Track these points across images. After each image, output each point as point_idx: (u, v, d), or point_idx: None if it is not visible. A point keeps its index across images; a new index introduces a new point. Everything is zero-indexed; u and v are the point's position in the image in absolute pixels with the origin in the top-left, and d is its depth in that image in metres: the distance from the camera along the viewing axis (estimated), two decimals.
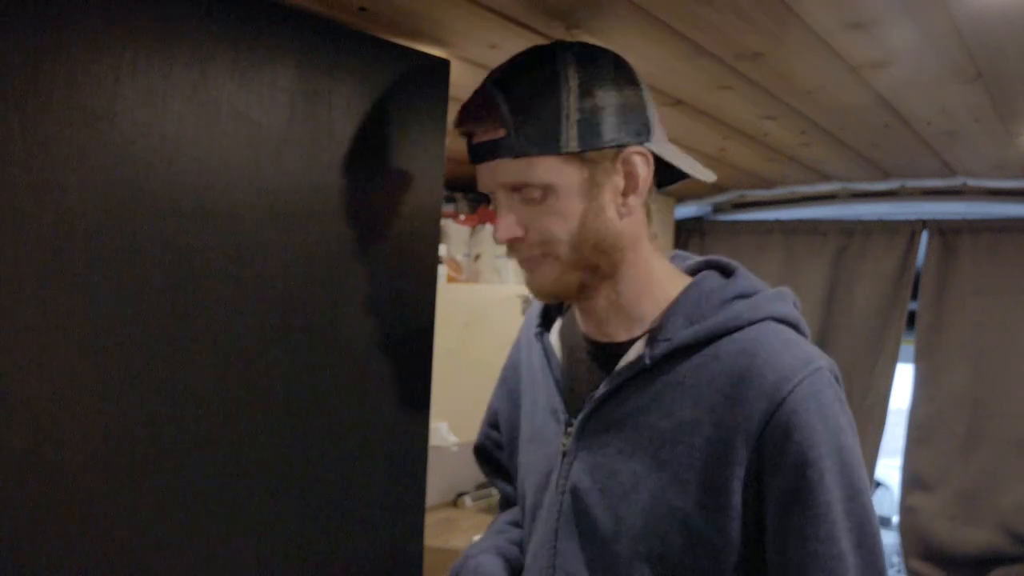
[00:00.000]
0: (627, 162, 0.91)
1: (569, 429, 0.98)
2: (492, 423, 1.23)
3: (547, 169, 0.88)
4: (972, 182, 2.24)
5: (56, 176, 0.76)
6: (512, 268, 2.14)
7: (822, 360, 0.90)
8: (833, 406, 0.87)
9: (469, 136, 0.92)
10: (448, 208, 2.29)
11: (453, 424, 1.88)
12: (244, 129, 0.91)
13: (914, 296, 2.54)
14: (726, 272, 0.99)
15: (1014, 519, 2.29)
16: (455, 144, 1.03)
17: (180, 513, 0.88)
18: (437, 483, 2.47)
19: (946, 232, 2.49)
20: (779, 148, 1.90)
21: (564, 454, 0.98)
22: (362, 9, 1.01)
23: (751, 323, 0.91)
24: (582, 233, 0.90)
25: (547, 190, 0.89)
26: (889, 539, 3.73)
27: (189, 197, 0.87)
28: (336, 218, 1.02)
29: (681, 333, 0.91)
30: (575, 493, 0.96)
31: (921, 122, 1.57)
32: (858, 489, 0.85)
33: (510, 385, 1.18)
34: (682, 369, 0.91)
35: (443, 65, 1.16)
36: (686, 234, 2.97)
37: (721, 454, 0.86)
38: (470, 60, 1.22)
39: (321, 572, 1.03)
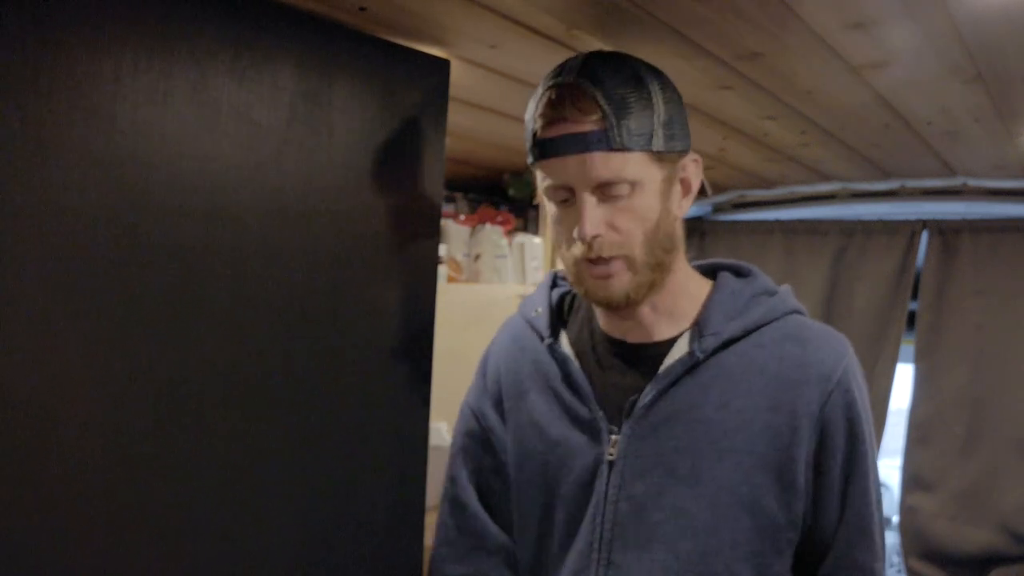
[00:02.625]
0: (685, 168, 0.96)
1: (613, 437, 0.97)
2: (485, 447, 1.10)
3: (639, 165, 0.90)
4: (972, 182, 2.23)
5: (56, 176, 0.76)
6: (512, 267, 2.14)
7: (847, 345, 0.98)
8: (862, 378, 0.98)
9: (546, 128, 0.90)
10: (448, 208, 2.29)
11: (453, 424, 1.87)
12: (244, 129, 0.91)
13: (914, 296, 2.54)
14: (739, 273, 1.05)
15: (1014, 519, 2.29)
16: (455, 144, 1.03)
17: (180, 512, 0.88)
18: (437, 483, 2.46)
19: (946, 232, 2.49)
20: (779, 148, 1.90)
21: (611, 463, 0.96)
22: (362, 9, 1.01)
23: (782, 316, 0.98)
24: (656, 233, 0.92)
25: (635, 187, 0.90)
26: (889, 539, 3.73)
27: (189, 197, 0.87)
28: (336, 218, 1.02)
29: (728, 326, 0.96)
30: (631, 501, 0.94)
31: (921, 122, 1.57)
32: (874, 459, 0.97)
33: (493, 398, 1.10)
34: (728, 361, 0.95)
35: (443, 65, 1.16)
36: (686, 234, 2.97)
37: (787, 436, 0.92)
38: (470, 60, 1.22)
39: (321, 572, 1.03)
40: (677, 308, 0.99)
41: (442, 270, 1.97)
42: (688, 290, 1.00)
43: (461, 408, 1.14)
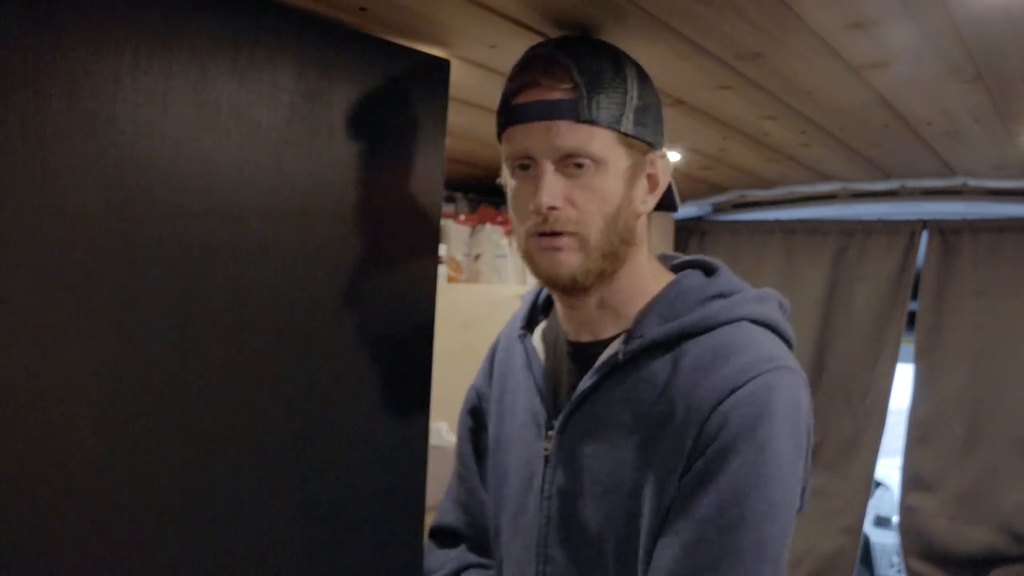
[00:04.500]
0: (653, 163, 0.94)
1: (550, 432, 0.97)
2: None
3: (605, 143, 0.88)
4: (972, 182, 2.23)
5: (56, 176, 0.76)
6: (512, 267, 2.14)
7: (791, 362, 0.88)
8: (781, 407, 0.84)
9: (516, 94, 0.89)
10: (448, 208, 2.29)
11: (453, 424, 1.87)
12: (244, 129, 0.91)
13: (914, 296, 2.54)
14: (708, 271, 0.99)
15: (1014, 519, 2.30)
16: (455, 144, 1.03)
17: (180, 513, 0.88)
18: (437, 483, 2.46)
19: (946, 232, 2.49)
20: (779, 148, 1.90)
21: (547, 458, 0.96)
22: (362, 9, 1.01)
23: (726, 323, 0.90)
24: (615, 219, 0.90)
25: (599, 165, 0.88)
26: (889, 539, 3.73)
27: (189, 197, 0.87)
28: (336, 218, 1.02)
29: (653, 330, 0.91)
30: (562, 496, 0.94)
31: (921, 122, 1.57)
32: (750, 503, 0.81)
33: (487, 380, 1.17)
34: (656, 366, 0.91)
35: (443, 65, 1.16)
36: (686, 234, 2.97)
37: (677, 445, 0.86)
38: (470, 60, 1.22)
39: (321, 572, 1.03)
40: (626, 307, 0.95)
41: (442, 270, 1.97)
42: (644, 290, 0.96)
43: (468, 389, 1.21)
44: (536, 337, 1.07)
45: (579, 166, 0.88)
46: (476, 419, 1.18)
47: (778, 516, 0.82)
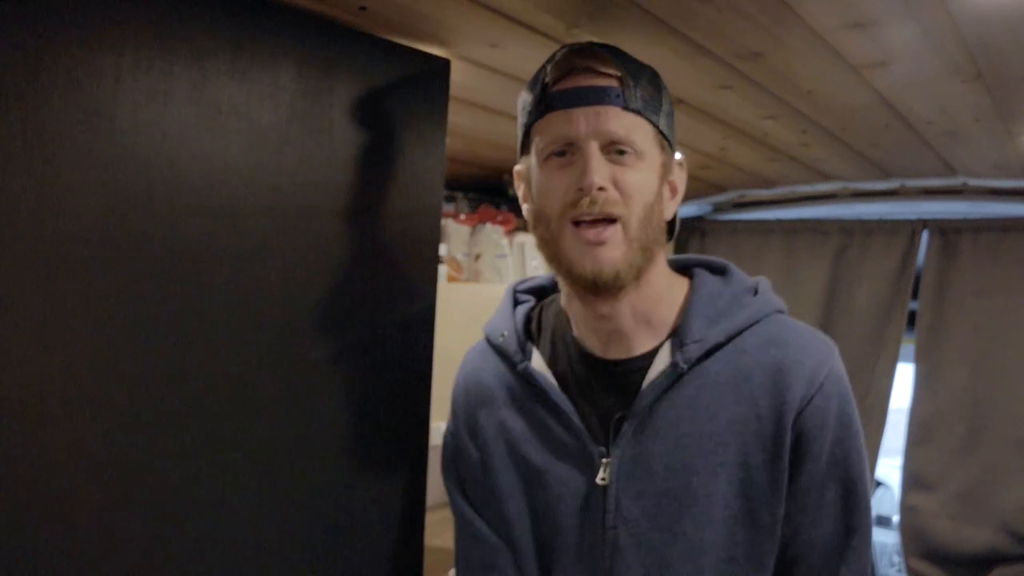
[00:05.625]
0: (674, 169, 0.95)
1: (603, 460, 0.92)
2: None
3: (646, 135, 0.89)
4: (972, 182, 2.23)
5: (56, 176, 0.76)
6: (512, 267, 2.14)
7: (831, 340, 0.95)
8: (847, 384, 0.92)
9: (558, 80, 0.88)
10: (448, 208, 2.29)
11: None
12: (244, 129, 0.91)
13: (914, 296, 2.54)
14: (714, 270, 1.00)
15: (1014, 519, 2.29)
16: (455, 144, 1.03)
17: (179, 512, 0.88)
18: (437, 483, 2.46)
19: (946, 232, 2.49)
20: (779, 148, 1.90)
21: (604, 488, 0.92)
22: (362, 9, 1.01)
23: (767, 315, 0.94)
24: (651, 211, 0.89)
25: (640, 157, 0.88)
26: (889, 539, 3.73)
27: (189, 196, 0.87)
28: (336, 218, 1.02)
29: (710, 332, 0.91)
30: (627, 526, 0.91)
31: (921, 122, 1.57)
32: (863, 467, 0.90)
33: (468, 431, 1.04)
34: (712, 369, 0.91)
35: (443, 65, 1.16)
36: (686, 234, 2.97)
37: (774, 444, 0.88)
38: (471, 60, 1.22)
39: (321, 572, 1.03)
40: (656, 315, 0.94)
41: (442, 270, 1.97)
42: (667, 294, 0.95)
43: (444, 438, 1.09)
44: (537, 364, 0.99)
45: (622, 152, 0.87)
46: (464, 472, 1.06)
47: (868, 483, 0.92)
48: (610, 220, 0.86)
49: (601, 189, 0.85)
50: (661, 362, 0.92)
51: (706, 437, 0.89)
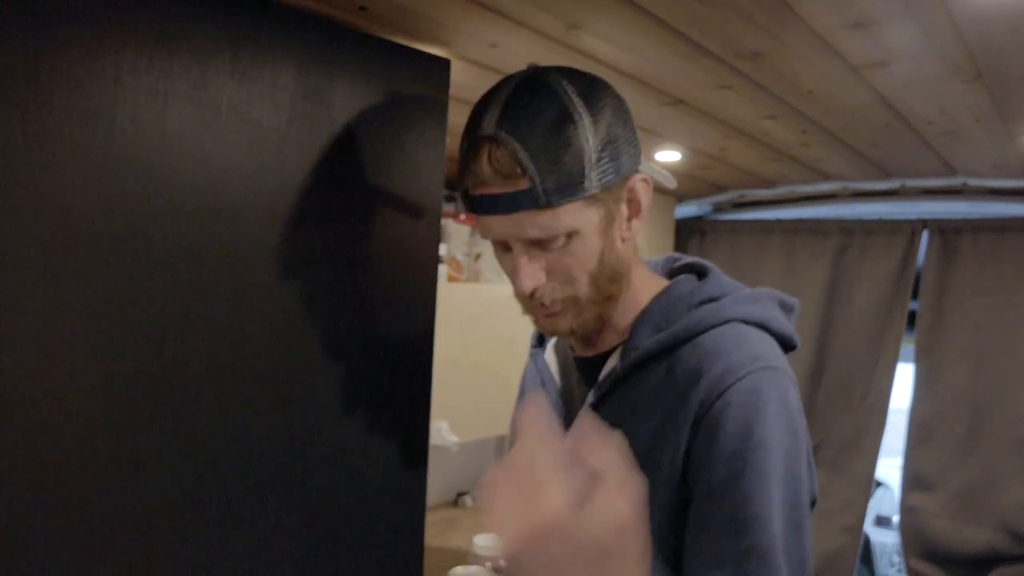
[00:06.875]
0: (632, 189, 0.91)
1: None
2: None
3: (571, 215, 0.86)
4: (972, 182, 2.24)
5: (56, 176, 0.76)
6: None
7: (776, 361, 0.88)
8: (771, 406, 0.84)
9: (474, 186, 0.87)
10: (448, 208, 2.28)
11: (453, 424, 1.87)
12: (244, 129, 0.91)
13: (914, 296, 2.54)
14: (701, 275, 0.99)
15: (1014, 518, 2.30)
16: (455, 144, 1.03)
17: (180, 512, 0.88)
18: (437, 483, 2.47)
19: (946, 232, 2.49)
20: (779, 148, 1.90)
21: None
22: (362, 8, 1.01)
23: (715, 326, 0.90)
24: (600, 270, 0.89)
25: (571, 236, 0.87)
26: (890, 538, 3.73)
27: (189, 196, 0.87)
28: (336, 218, 1.02)
29: (647, 342, 0.91)
30: None
31: (921, 122, 1.57)
32: (763, 489, 0.82)
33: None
34: (653, 375, 0.91)
35: (443, 64, 1.16)
36: (686, 234, 2.97)
37: (674, 453, 0.86)
38: (471, 59, 1.22)
39: (321, 572, 1.03)
40: (622, 320, 0.96)
41: (442, 270, 1.97)
42: (637, 301, 0.96)
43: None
44: (549, 353, 1.08)
45: (552, 244, 0.87)
46: None
47: (786, 511, 0.83)
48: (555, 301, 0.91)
49: (536, 288, 0.89)
50: (609, 365, 0.95)
51: (639, 440, 0.88)
